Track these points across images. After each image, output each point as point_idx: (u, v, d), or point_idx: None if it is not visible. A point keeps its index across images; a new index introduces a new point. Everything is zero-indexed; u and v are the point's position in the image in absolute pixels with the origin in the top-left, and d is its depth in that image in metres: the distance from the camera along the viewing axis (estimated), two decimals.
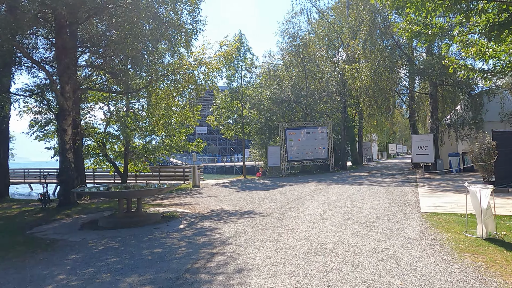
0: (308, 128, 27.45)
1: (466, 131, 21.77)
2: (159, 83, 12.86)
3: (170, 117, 18.78)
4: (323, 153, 27.90)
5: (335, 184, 18.59)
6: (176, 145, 21.73)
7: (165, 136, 21.50)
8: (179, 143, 22.02)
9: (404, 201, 11.61)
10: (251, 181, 23.41)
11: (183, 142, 22.52)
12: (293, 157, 26.79)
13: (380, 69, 20.39)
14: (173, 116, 17.59)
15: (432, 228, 7.71)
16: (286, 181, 22.04)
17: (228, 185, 21.66)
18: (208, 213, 10.90)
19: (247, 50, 26.17)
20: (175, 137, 22.23)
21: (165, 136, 21.50)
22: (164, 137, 21.81)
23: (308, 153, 27.33)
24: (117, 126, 20.17)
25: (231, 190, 18.31)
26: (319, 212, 10.02)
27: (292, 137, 26.75)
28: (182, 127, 21.89)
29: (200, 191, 18.67)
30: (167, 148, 21.36)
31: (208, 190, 18.96)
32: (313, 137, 27.51)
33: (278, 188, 18.17)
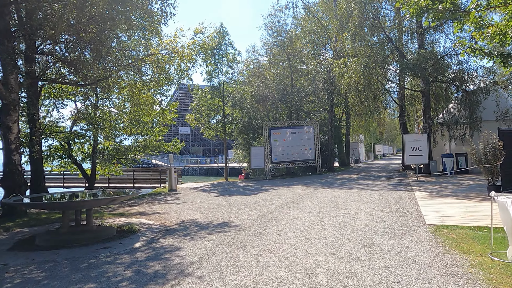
0: (293, 128, 25.94)
1: (460, 130, 20.56)
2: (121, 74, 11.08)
3: (139, 114, 16.99)
4: (310, 154, 26.43)
5: (323, 187, 17.08)
6: (150, 146, 19.93)
7: (136, 136, 19.66)
8: (153, 144, 20.24)
9: (402, 209, 10.13)
10: (232, 185, 21.75)
11: (158, 143, 20.74)
12: (278, 158, 25.23)
13: (370, 64, 19.00)
14: (142, 112, 15.76)
15: (446, 247, 6.20)
16: (270, 184, 20.45)
17: (207, 189, 19.95)
18: (175, 226, 9.20)
19: (229, 44, 24.52)
20: (149, 137, 20.47)
21: (136, 136, 19.66)
22: (136, 137, 20.00)
23: (294, 154, 25.81)
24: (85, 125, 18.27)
25: (209, 195, 16.62)
26: (306, 225, 8.43)
27: (277, 137, 25.19)
28: (156, 126, 20.12)
29: (175, 196, 16.92)
30: (140, 149, 19.54)
31: (184, 195, 17.23)
32: (299, 137, 26.01)
33: (260, 192, 16.56)
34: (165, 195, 17.66)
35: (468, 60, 20.48)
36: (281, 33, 26.92)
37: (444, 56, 20.45)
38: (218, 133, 25.31)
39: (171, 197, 16.66)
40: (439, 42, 24.42)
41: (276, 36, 27.06)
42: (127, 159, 19.71)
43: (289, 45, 26.62)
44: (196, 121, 24.57)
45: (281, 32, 26.91)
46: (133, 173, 23.45)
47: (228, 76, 24.75)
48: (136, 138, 20.34)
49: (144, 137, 20.11)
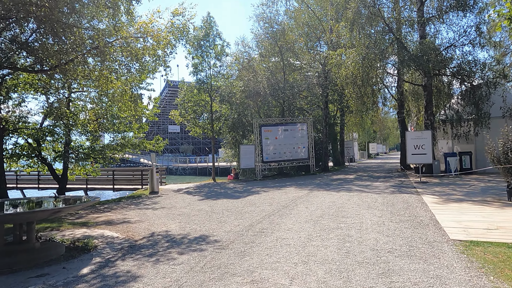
0: (286, 125, 24.38)
1: (465, 128, 19.17)
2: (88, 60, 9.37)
3: (115, 108, 15.30)
4: (303, 153, 24.90)
5: (319, 190, 15.54)
6: (129, 144, 18.21)
7: (114, 133, 17.93)
8: (133, 141, 18.53)
9: (414, 217, 8.60)
10: (220, 186, 20.11)
11: (139, 141, 19.04)
12: (269, 157, 23.65)
13: (370, 55, 17.48)
14: (117, 105, 14.08)
15: (490, 276, 4.66)
16: (261, 186, 18.86)
17: (192, 191, 18.29)
18: (143, 240, 7.55)
19: (217, 35, 22.83)
20: (129, 134, 18.78)
21: (114, 133, 17.93)
22: (115, 134, 18.26)
23: (286, 153, 24.25)
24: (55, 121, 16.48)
25: (193, 199, 14.98)
26: (302, 240, 6.85)
27: (268, 135, 23.61)
28: (137, 122, 18.40)
29: (156, 200, 15.26)
30: (117, 148, 17.79)
31: (166, 198, 15.56)
32: (292, 135, 24.46)
33: (250, 195, 14.97)
34: (145, 199, 15.96)
35: (473, 51, 19.09)
36: (273, 25, 25.32)
37: (448, 47, 19.04)
38: (205, 130, 23.63)
39: (151, 201, 14.98)
40: (441, 33, 23.00)
41: (267, 27, 25.45)
42: (104, 159, 17.96)
43: (281, 37, 25.02)
44: (181, 118, 22.82)
45: (273, 24, 25.31)
46: (113, 173, 21.68)
47: (216, 70, 23.10)
48: (115, 136, 18.58)
49: (122, 135, 18.39)
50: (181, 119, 22.85)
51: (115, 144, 17.87)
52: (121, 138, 18.06)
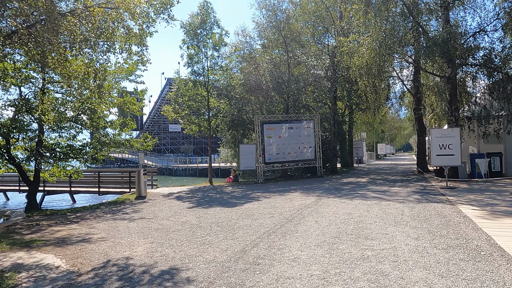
0: (291, 123, 22.14)
1: (495, 125, 16.85)
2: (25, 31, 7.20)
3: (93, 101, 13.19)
4: (309, 154, 22.65)
5: (328, 196, 13.30)
6: (113, 142, 16.08)
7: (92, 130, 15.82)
8: (118, 140, 16.41)
9: (465, 240, 6.34)
10: (216, 190, 17.92)
11: (125, 139, 16.91)
12: (272, 158, 21.41)
13: (387, 41, 15.21)
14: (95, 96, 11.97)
15: None
16: (262, 190, 16.66)
17: (183, 195, 16.13)
18: (88, 275, 5.35)
19: (215, 23, 20.64)
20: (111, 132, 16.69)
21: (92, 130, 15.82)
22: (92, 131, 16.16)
23: (291, 153, 22.01)
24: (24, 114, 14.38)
25: (182, 206, 12.82)
26: (315, 283, 4.61)
27: (271, 133, 21.38)
28: (121, 116, 16.27)
29: (139, 207, 13.12)
30: (97, 146, 15.66)
31: (151, 205, 13.41)
32: (297, 133, 22.21)
33: (248, 202, 12.77)
34: (127, 205, 13.82)
35: (504, 38, 16.76)
36: (276, 12, 23.08)
37: (476, 34, 16.72)
38: (202, 128, 21.44)
39: (132, 209, 12.83)
40: (466, 20, 20.59)
41: (270, 15, 23.22)
42: (86, 158, 15.82)
43: (286, 27, 22.79)
44: (174, 114, 20.62)
45: (277, 11, 23.07)
46: (98, 175, 19.52)
47: (213, 61, 20.88)
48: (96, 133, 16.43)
49: (103, 131, 16.26)
50: (174, 115, 20.65)
51: (96, 142, 15.74)
52: (103, 136, 15.92)
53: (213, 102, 21.73)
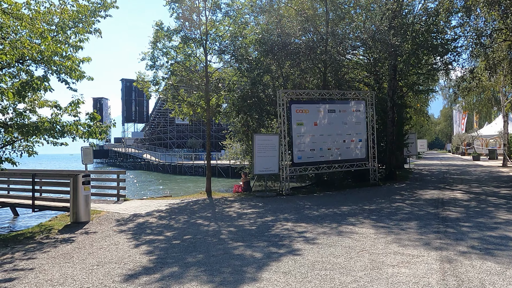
0: (332, 103, 14.60)
1: None
2: None
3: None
4: (358, 150, 15.07)
5: (464, 252, 5.68)
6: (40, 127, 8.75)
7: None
8: (45, 121, 9.12)
9: None
10: (213, 210, 10.51)
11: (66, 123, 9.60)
12: (303, 156, 13.91)
13: None
14: None
15: None
16: (292, 214, 9.24)
17: (153, 223, 8.88)
18: None
19: None
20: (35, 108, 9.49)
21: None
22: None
23: (332, 150, 14.46)
24: None
25: (129, 261, 5.41)
26: None
27: (302, 119, 13.87)
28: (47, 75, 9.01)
29: (40, 258, 5.75)
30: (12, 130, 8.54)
31: (71, 251, 6.18)
32: (341, 119, 14.66)
33: (271, 262, 5.22)
34: (32, 245, 6.57)
35: None
36: None
37: None
38: (197, 110, 14.00)
39: (13, 266, 5.50)
40: None
41: None
42: None
43: None
44: (151, 85, 13.16)
45: None
46: (33, 179, 12.25)
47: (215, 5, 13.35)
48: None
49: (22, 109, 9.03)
50: (153, 88, 13.22)
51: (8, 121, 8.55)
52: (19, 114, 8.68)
53: (213, 72, 14.27)
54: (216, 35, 13.77)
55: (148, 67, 12.69)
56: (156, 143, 71.24)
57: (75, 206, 9.28)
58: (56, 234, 8.20)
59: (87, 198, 9.44)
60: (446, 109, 75.34)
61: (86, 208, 9.38)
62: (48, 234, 8.21)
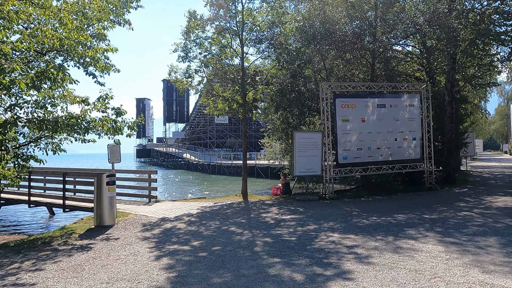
0: (382, 97, 13.09)
1: None
2: None
3: None
4: (412, 150, 13.41)
5: None
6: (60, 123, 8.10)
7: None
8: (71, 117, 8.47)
9: None
10: (248, 215, 9.42)
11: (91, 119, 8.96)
12: (349, 156, 12.50)
13: None
14: None
15: None
16: (338, 223, 7.97)
17: (181, 229, 7.96)
18: None
19: None
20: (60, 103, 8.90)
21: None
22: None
23: (382, 149, 12.92)
24: None
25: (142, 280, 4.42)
26: None
27: (348, 114, 12.47)
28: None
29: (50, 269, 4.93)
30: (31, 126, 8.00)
31: (84, 261, 5.21)
32: (393, 114, 13.08)
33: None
34: (46, 253, 5.83)
35: None
36: None
37: None
38: (233, 105, 13.00)
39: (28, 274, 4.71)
40: None
41: None
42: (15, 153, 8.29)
43: None
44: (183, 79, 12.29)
45: None
46: (63, 177, 11.81)
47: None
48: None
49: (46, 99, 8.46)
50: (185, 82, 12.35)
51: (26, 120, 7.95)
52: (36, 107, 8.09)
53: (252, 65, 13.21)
54: (253, 25, 12.70)
55: (180, 58, 11.86)
56: (196, 143, 71.68)
57: (99, 209, 8.57)
58: (75, 239, 7.47)
59: (112, 200, 8.70)
60: (502, 107, 69.79)
61: (110, 211, 8.64)
62: (67, 239, 7.50)
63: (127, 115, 9.05)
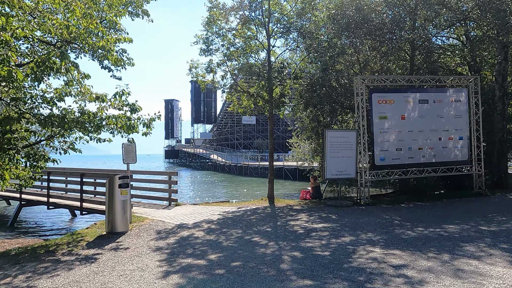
0: (424, 91, 11.79)
1: None
2: None
3: None
4: (458, 150, 11.97)
5: None
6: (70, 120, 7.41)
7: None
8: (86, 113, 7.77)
9: None
10: (274, 223, 8.41)
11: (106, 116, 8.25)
12: (387, 157, 11.26)
13: None
14: None
15: None
16: (376, 232, 6.85)
17: (198, 237, 7.07)
18: None
19: None
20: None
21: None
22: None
23: (425, 150, 11.59)
24: None
25: None
26: None
27: (386, 110, 11.25)
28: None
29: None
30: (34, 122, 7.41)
31: (74, 286, 4.39)
32: (436, 111, 11.73)
33: None
34: (45, 264, 5.08)
35: None
36: None
37: None
38: (258, 102, 12.05)
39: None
40: None
41: None
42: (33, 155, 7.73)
43: None
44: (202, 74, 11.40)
45: None
46: (81, 179, 11.23)
47: None
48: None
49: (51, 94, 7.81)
50: (207, 79, 11.50)
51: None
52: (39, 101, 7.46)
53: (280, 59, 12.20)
54: (281, 15, 11.71)
55: (202, 52, 11.03)
56: (224, 144, 71.33)
57: (111, 214, 7.83)
58: (81, 248, 6.73)
59: (125, 204, 7.94)
60: None
61: (123, 216, 7.88)
62: (73, 248, 6.77)
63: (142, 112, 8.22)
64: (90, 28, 7.24)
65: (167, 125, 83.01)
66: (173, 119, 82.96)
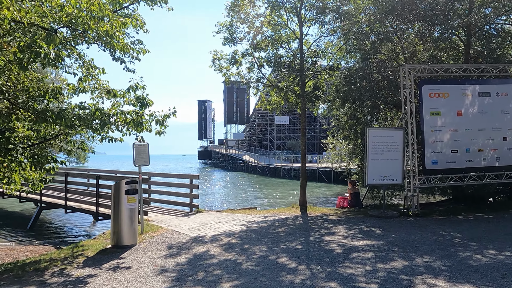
0: (485, 83, 10.02)
1: None
2: None
3: None
4: None
5: None
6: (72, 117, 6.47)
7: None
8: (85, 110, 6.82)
9: None
10: (305, 236, 7.07)
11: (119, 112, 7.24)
12: (440, 159, 9.59)
13: None
14: None
15: None
16: (435, 255, 5.27)
17: (215, 256, 5.86)
18: None
19: None
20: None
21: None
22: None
23: (486, 151, 9.83)
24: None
25: None
26: None
27: (439, 105, 9.60)
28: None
29: None
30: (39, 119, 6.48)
31: None
32: (500, 105, 9.93)
33: None
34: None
35: None
36: None
37: None
38: (290, 98, 10.74)
39: None
40: None
41: None
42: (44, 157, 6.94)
43: None
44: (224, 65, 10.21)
45: None
46: (97, 181, 10.39)
47: None
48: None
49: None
50: (231, 71, 10.32)
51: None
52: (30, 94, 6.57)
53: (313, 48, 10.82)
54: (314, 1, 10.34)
55: (225, 41, 9.87)
56: (256, 144, 70.28)
57: (116, 225, 6.80)
58: (76, 266, 5.71)
59: (133, 213, 6.89)
60: None
61: (130, 228, 6.83)
62: (67, 265, 5.77)
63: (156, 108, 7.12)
64: (92, 9, 6.23)
65: (200, 125, 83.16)
66: (206, 120, 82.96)
